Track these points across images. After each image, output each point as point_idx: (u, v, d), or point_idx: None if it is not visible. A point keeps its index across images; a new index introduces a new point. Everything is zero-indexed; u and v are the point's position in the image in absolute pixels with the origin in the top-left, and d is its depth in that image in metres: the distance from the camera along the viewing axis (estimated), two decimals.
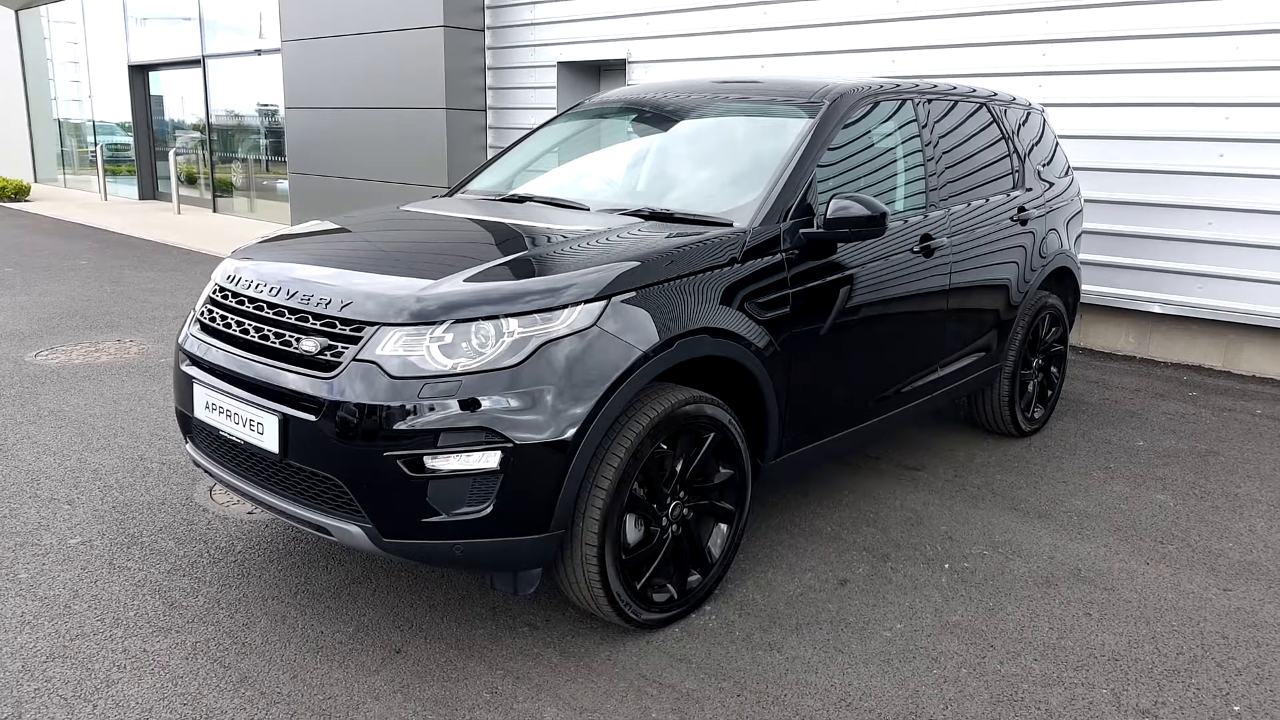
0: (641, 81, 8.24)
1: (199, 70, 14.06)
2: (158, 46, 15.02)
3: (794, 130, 3.37)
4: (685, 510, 2.78)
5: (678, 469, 2.74)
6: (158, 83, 15.92)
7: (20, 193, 15.72)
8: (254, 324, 2.71)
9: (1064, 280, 4.78)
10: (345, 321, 2.52)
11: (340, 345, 2.49)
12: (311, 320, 2.58)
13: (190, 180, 15.31)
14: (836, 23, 7.16)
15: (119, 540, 3.31)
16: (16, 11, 18.09)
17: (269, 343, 2.64)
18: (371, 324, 2.47)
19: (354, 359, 2.45)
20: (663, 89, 4.06)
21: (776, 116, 3.55)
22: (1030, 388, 4.56)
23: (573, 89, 9.19)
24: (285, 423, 2.51)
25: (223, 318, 2.84)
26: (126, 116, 16.31)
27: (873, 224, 3.05)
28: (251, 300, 2.77)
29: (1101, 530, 3.54)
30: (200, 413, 2.81)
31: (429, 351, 2.42)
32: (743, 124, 3.70)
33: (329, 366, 2.48)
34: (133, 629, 2.75)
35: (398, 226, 3.46)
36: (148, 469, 3.97)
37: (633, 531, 2.67)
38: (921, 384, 3.79)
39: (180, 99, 15.41)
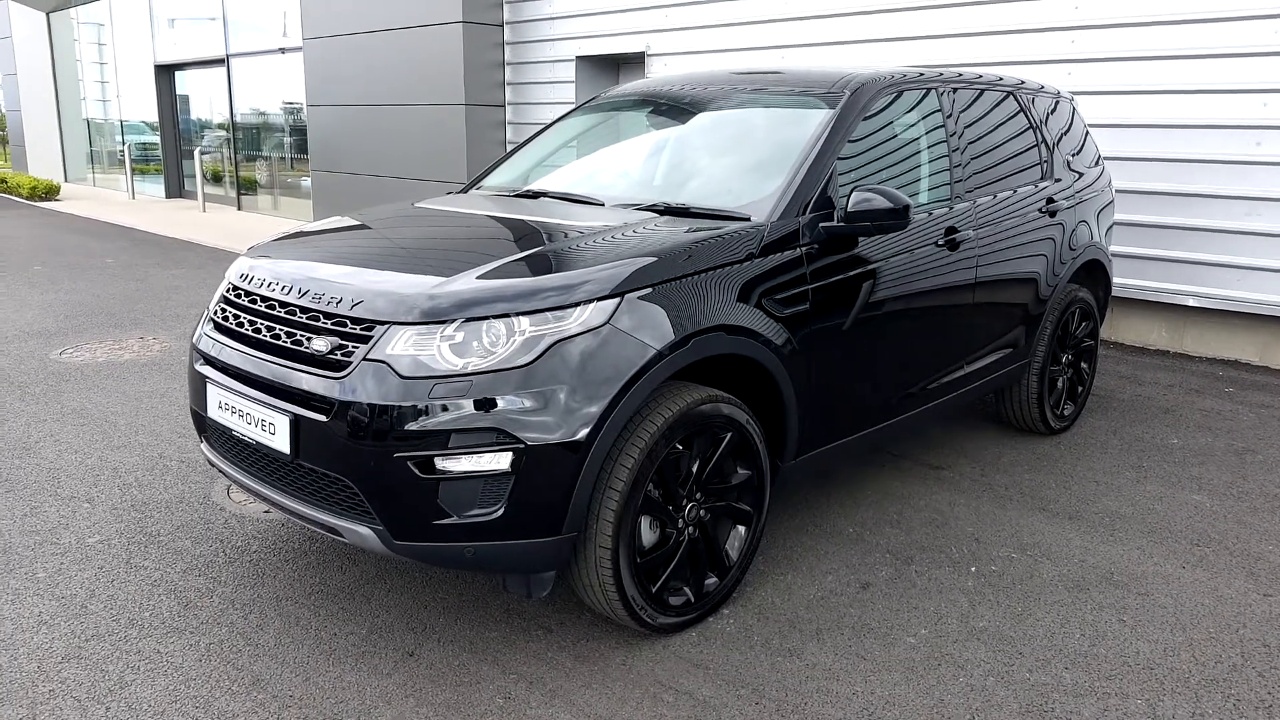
0: (660, 74, 8.16)
1: (224, 69, 14.17)
2: (183, 46, 15.16)
3: (813, 121, 3.29)
4: (702, 512, 2.72)
5: (694, 470, 2.67)
6: (183, 82, 16.08)
7: (50, 192, 15.96)
8: (266, 323, 2.69)
9: (1095, 273, 4.65)
10: (356, 320, 2.48)
11: (351, 344, 2.46)
12: (322, 319, 2.54)
13: (215, 178, 15.45)
14: (858, 12, 7.04)
15: (137, 539, 3.30)
16: (48, 14, 18.35)
17: (280, 342, 2.61)
18: (382, 323, 2.44)
19: (364, 358, 2.41)
20: (679, 81, 3.99)
21: (795, 108, 3.47)
22: (1059, 384, 4.45)
23: (591, 83, 9.13)
24: (296, 423, 2.48)
25: (235, 316, 2.82)
26: (153, 116, 16.49)
27: (896, 217, 2.97)
28: (264, 299, 2.74)
29: (1134, 532, 3.43)
30: (213, 412, 2.79)
31: (440, 351, 2.38)
32: (761, 116, 3.62)
33: (339, 366, 2.45)
34: (148, 630, 2.74)
35: (411, 223, 3.43)
36: (167, 467, 3.97)
37: (648, 534, 2.62)
38: (946, 381, 3.70)
39: (207, 98, 15.55)
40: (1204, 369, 5.68)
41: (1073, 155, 4.54)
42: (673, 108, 3.89)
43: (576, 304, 2.44)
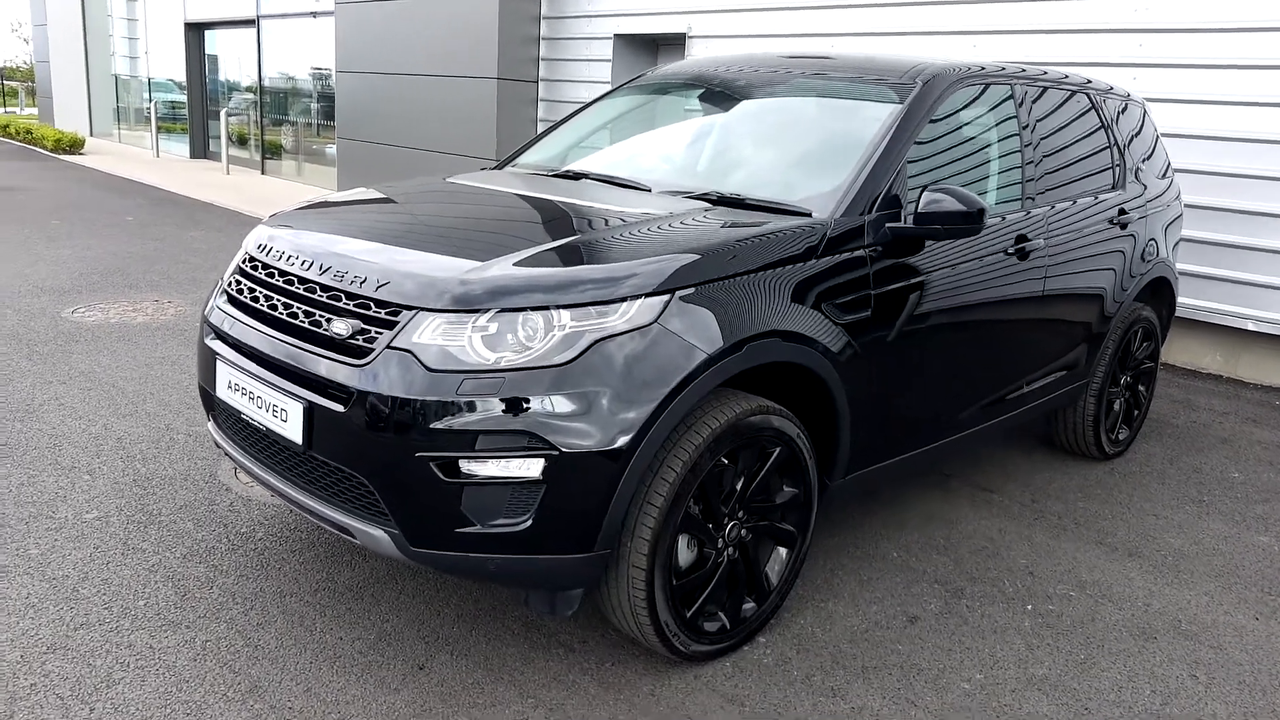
0: (707, 55, 7.88)
1: (254, 30, 13.95)
2: (214, 4, 14.94)
3: (882, 113, 3.04)
4: (743, 531, 2.50)
5: (738, 486, 2.45)
6: (213, 41, 15.88)
7: (75, 145, 15.84)
8: (283, 299, 2.48)
9: (1160, 291, 4.38)
10: (381, 303, 2.26)
11: (374, 329, 2.24)
12: (344, 299, 2.33)
13: (241, 141, 15.27)
14: (913, 2, 6.74)
15: (136, 518, 3.12)
16: None
17: (297, 321, 2.40)
18: (409, 308, 2.22)
19: (388, 346, 2.20)
20: (733, 63, 3.73)
21: (862, 98, 3.22)
22: (1116, 407, 4.19)
23: (628, 63, 8.85)
24: (310, 411, 2.27)
25: (250, 290, 2.61)
26: (181, 75, 16.31)
27: (969, 221, 2.72)
28: (282, 273, 2.53)
29: (1201, 575, 3.18)
30: (222, 392, 2.59)
31: (471, 342, 2.16)
32: (823, 105, 3.37)
33: (360, 352, 2.23)
34: (141, 620, 2.55)
35: (443, 200, 3.20)
36: (173, 440, 3.79)
37: (685, 553, 2.40)
38: (1006, 400, 3.45)
39: (235, 59, 15.35)
40: (1260, 397, 5.40)
41: (1143, 162, 4.27)
42: (725, 91, 3.64)
43: (622, 299, 2.22)
